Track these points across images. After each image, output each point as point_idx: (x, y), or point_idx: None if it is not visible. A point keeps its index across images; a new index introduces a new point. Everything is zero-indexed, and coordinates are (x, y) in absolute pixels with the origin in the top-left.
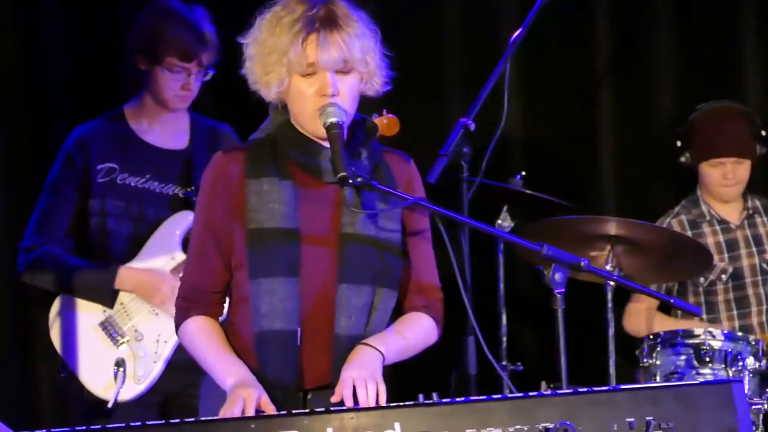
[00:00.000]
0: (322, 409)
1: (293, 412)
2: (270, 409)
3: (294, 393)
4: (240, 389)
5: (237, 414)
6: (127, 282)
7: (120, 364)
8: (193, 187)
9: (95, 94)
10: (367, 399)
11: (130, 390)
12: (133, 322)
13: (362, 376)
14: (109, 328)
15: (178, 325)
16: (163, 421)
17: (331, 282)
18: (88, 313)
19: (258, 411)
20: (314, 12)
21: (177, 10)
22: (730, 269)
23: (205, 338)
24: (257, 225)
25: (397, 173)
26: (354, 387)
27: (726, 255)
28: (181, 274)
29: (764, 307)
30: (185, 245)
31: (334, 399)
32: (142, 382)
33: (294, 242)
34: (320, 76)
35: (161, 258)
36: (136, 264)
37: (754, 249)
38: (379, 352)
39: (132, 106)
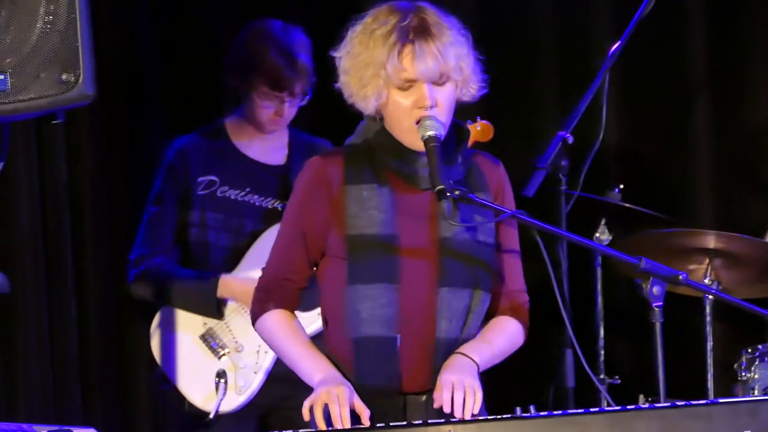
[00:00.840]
0: (420, 422)
1: (391, 424)
2: (363, 409)
3: (393, 398)
4: (331, 386)
5: (334, 417)
6: (228, 290)
7: (221, 375)
8: None
9: (191, 107)
10: (463, 404)
11: (231, 401)
12: (233, 334)
13: (461, 381)
14: (209, 340)
15: (256, 316)
16: None
17: (431, 287)
18: (189, 326)
19: (351, 412)
20: (407, 22)
21: (273, 36)
22: None
23: (286, 332)
24: (357, 231)
25: (489, 176)
26: (453, 392)
27: None
28: None
29: None
30: None
31: (436, 405)
32: (242, 393)
33: (393, 249)
34: (417, 88)
35: (259, 270)
36: (231, 277)
37: None
38: (474, 362)
39: (232, 120)
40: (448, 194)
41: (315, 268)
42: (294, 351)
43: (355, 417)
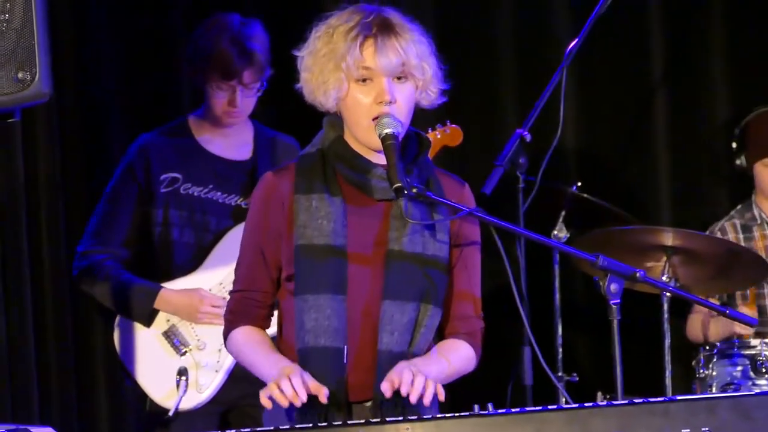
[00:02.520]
0: (378, 420)
1: (349, 423)
2: (318, 387)
3: (339, 407)
4: (285, 370)
5: (287, 390)
6: (167, 304)
7: (182, 372)
8: None
9: (153, 103)
10: (414, 388)
11: (192, 399)
12: (196, 332)
13: (412, 369)
14: (172, 338)
15: (225, 338)
16: None
17: (376, 299)
18: (153, 322)
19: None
20: (371, 19)
21: (227, 27)
22: None
23: (252, 344)
24: (306, 241)
25: (449, 194)
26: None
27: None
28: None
29: None
30: None
31: (383, 388)
32: (203, 391)
33: (341, 259)
34: (377, 83)
35: (224, 268)
36: (197, 275)
37: None
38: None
39: (195, 117)
40: (405, 192)
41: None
42: (257, 359)
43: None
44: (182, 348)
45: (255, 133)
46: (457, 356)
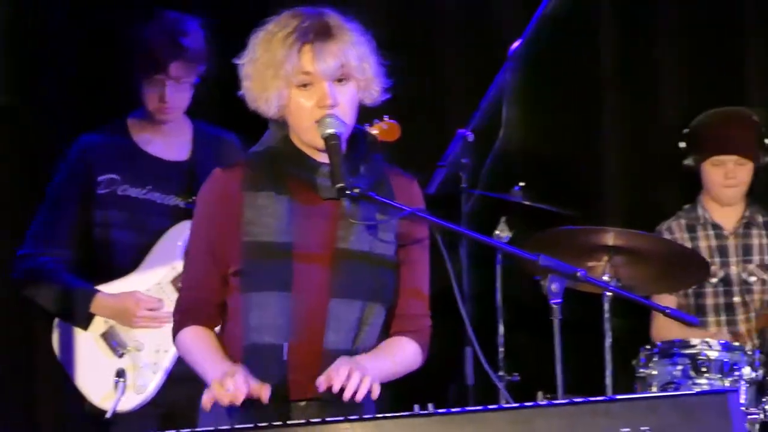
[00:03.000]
0: (319, 420)
1: (289, 423)
2: (260, 387)
3: (279, 405)
4: (229, 371)
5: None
6: (102, 307)
7: (121, 374)
8: (193, 198)
9: (99, 103)
10: (348, 384)
11: (130, 400)
12: (134, 333)
13: (350, 364)
14: (110, 339)
15: (174, 337)
16: None
17: (323, 297)
18: (91, 324)
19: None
20: (308, 24)
21: (159, 22)
22: (721, 274)
23: (199, 345)
24: (252, 238)
25: (398, 192)
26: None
27: (717, 260)
28: (180, 285)
29: (752, 314)
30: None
31: (320, 387)
32: (141, 392)
33: (287, 258)
34: (318, 88)
35: (162, 268)
36: (135, 275)
37: (741, 258)
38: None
39: (135, 116)
40: (348, 192)
41: None
42: (200, 360)
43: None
44: (120, 349)
45: (194, 132)
46: (402, 354)
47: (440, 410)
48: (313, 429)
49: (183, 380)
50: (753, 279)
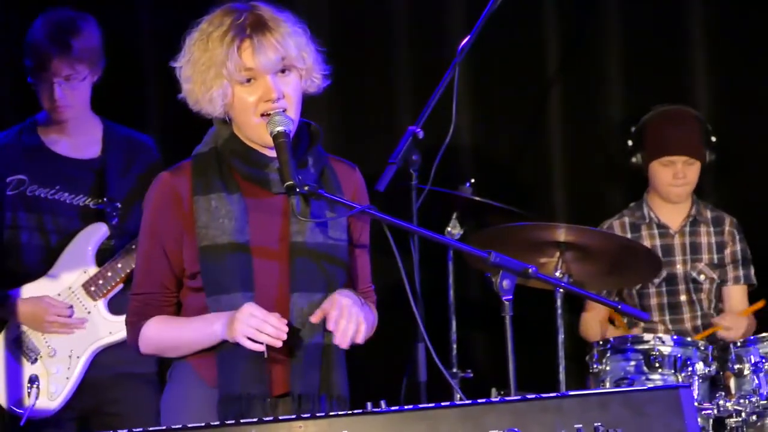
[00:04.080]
0: (271, 418)
1: (241, 421)
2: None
3: (262, 401)
4: (245, 312)
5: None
6: (12, 314)
7: (33, 380)
8: (105, 199)
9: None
10: (347, 332)
11: (44, 406)
12: (45, 338)
13: (350, 308)
14: (21, 345)
15: (134, 341)
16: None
17: (284, 292)
18: (3, 329)
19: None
20: (243, 19)
21: (48, 22)
22: (664, 273)
23: (172, 322)
24: (210, 242)
25: (343, 181)
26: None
27: (661, 260)
28: (93, 288)
29: (698, 313)
30: (98, 258)
31: (314, 319)
32: (55, 398)
33: (247, 256)
34: (261, 82)
35: (74, 272)
36: (46, 279)
37: (688, 257)
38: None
39: (43, 116)
40: (298, 190)
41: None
42: (188, 329)
43: None
44: (32, 355)
45: (104, 131)
46: (373, 316)
47: (393, 407)
48: (267, 427)
49: (100, 386)
50: (702, 277)
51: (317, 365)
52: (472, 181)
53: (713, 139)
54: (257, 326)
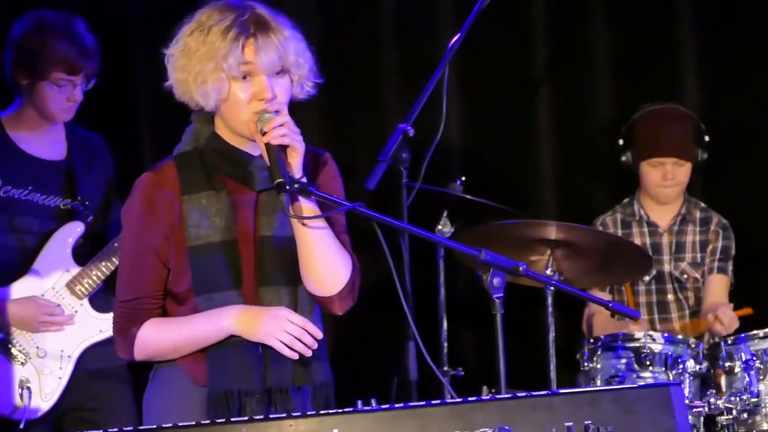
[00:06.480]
0: (261, 417)
1: (232, 420)
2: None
3: (258, 395)
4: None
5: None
6: (1, 315)
7: (25, 382)
8: (79, 198)
9: None
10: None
11: (38, 408)
12: (34, 340)
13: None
14: (9, 347)
15: (127, 350)
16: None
17: (255, 287)
18: None
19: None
20: (246, 17)
21: (59, 26)
22: (653, 272)
23: (171, 322)
24: (202, 240)
25: (320, 169)
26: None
27: (651, 257)
28: (77, 287)
29: (686, 312)
30: (76, 256)
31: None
32: (48, 399)
33: (236, 253)
34: (257, 81)
35: (56, 273)
36: (28, 279)
37: (673, 256)
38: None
39: (10, 115)
40: (288, 187)
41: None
42: (192, 326)
43: None
44: (22, 357)
45: (66, 132)
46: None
47: (383, 405)
48: (257, 426)
49: (79, 382)
50: (684, 277)
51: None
52: (463, 178)
53: (706, 138)
54: (296, 334)
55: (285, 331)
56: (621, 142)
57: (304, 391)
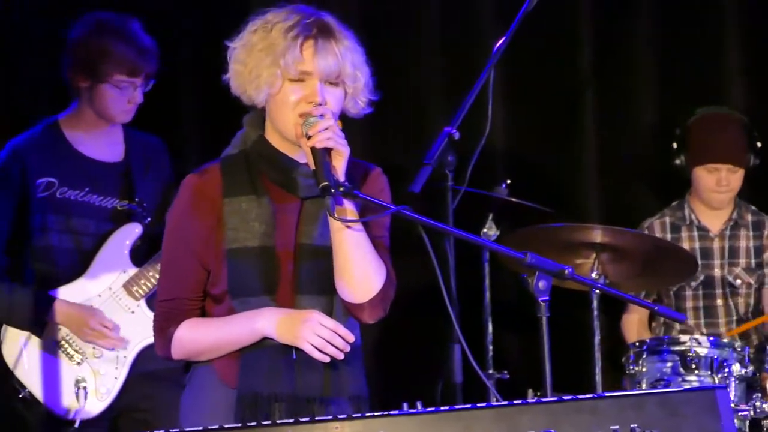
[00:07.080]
0: (308, 419)
1: (277, 422)
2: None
3: (294, 403)
4: (308, 319)
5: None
6: (59, 315)
7: (81, 381)
8: (136, 199)
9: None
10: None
11: (93, 407)
12: None
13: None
14: (66, 347)
15: (165, 349)
16: None
17: (292, 295)
18: (45, 331)
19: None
20: (311, 20)
21: (118, 27)
22: (701, 277)
23: (208, 322)
24: (239, 244)
25: (369, 183)
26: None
27: (699, 261)
28: (135, 288)
29: (734, 317)
30: (133, 258)
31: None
32: (104, 399)
33: (274, 260)
34: (310, 84)
35: (113, 273)
36: (84, 280)
37: (726, 261)
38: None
39: (68, 117)
40: (333, 191)
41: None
42: (227, 327)
43: None
44: (78, 357)
45: (125, 134)
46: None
47: (429, 408)
48: (303, 428)
49: (134, 383)
50: (738, 282)
51: (321, 367)
52: (508, 182)
53: (759, 144)
54: (328, 338)
55: (316, 334)
56: (675, 145)
57: (333, 402)
